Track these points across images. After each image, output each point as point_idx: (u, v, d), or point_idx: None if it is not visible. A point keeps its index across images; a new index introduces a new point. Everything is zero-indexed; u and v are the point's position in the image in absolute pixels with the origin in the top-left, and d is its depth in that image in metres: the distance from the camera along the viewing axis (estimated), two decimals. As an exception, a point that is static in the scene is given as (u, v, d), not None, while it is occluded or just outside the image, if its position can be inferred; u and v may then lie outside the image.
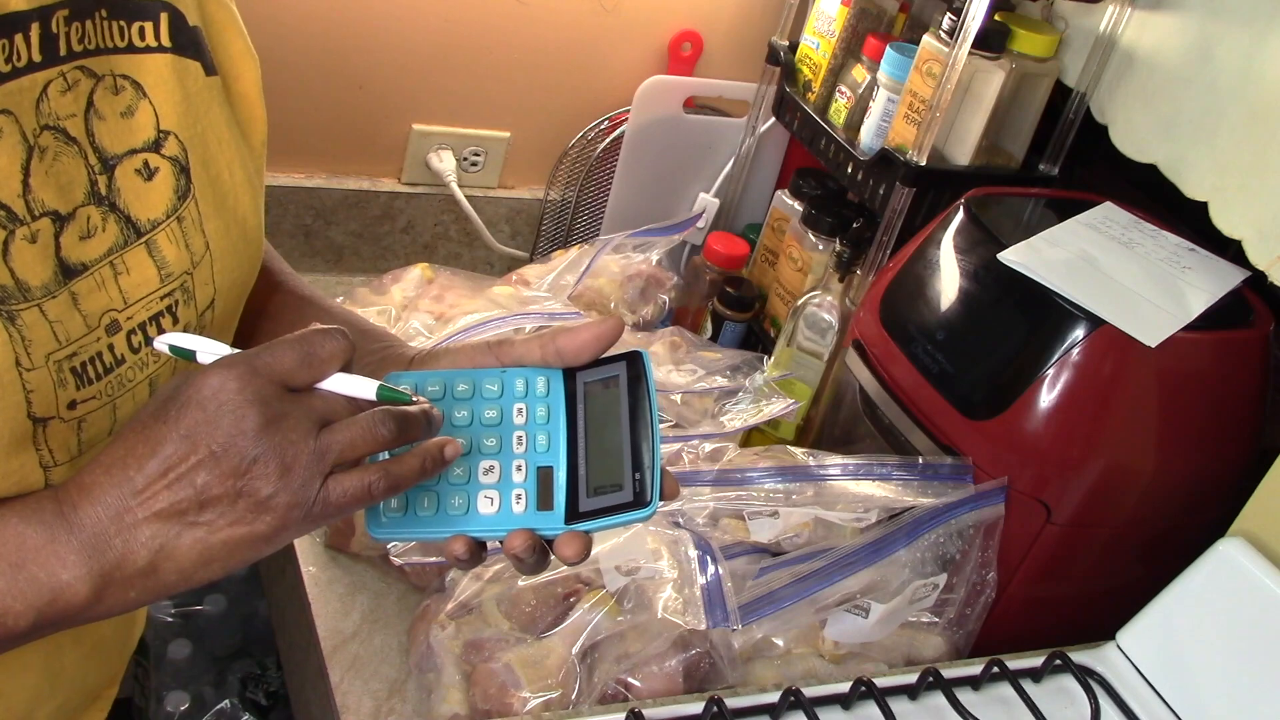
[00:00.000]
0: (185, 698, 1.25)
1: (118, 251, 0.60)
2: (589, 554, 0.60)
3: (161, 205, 0.62)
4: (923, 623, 0.94)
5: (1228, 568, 0.86)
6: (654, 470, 0.59)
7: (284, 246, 1.40)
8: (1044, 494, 0.91)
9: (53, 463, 0.59)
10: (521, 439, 0.61)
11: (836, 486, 0.94)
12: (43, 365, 0.56)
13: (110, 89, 0.59)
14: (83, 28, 0.57)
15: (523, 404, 0.62)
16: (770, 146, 1.49)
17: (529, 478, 0.61)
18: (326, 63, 1.31)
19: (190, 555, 0.52)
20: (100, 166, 0.59)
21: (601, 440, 0.61)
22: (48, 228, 0.56)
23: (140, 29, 0.60)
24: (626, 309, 1.24)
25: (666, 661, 0.84)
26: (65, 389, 0.57)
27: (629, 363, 0.63)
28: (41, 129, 0.55)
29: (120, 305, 0.60)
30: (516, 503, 0.60)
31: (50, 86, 0.55)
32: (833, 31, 1.27)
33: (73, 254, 0.57)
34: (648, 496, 0.59)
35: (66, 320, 0.57)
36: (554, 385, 0.63)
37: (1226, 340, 0.93)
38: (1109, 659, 0.91)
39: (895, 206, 1.12)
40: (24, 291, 0.55)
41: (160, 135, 0.62)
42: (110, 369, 0.60)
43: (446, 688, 0.83)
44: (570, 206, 1.50)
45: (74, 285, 0.57)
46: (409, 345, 0.73)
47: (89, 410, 0.60)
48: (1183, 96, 1.03)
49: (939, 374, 0.95)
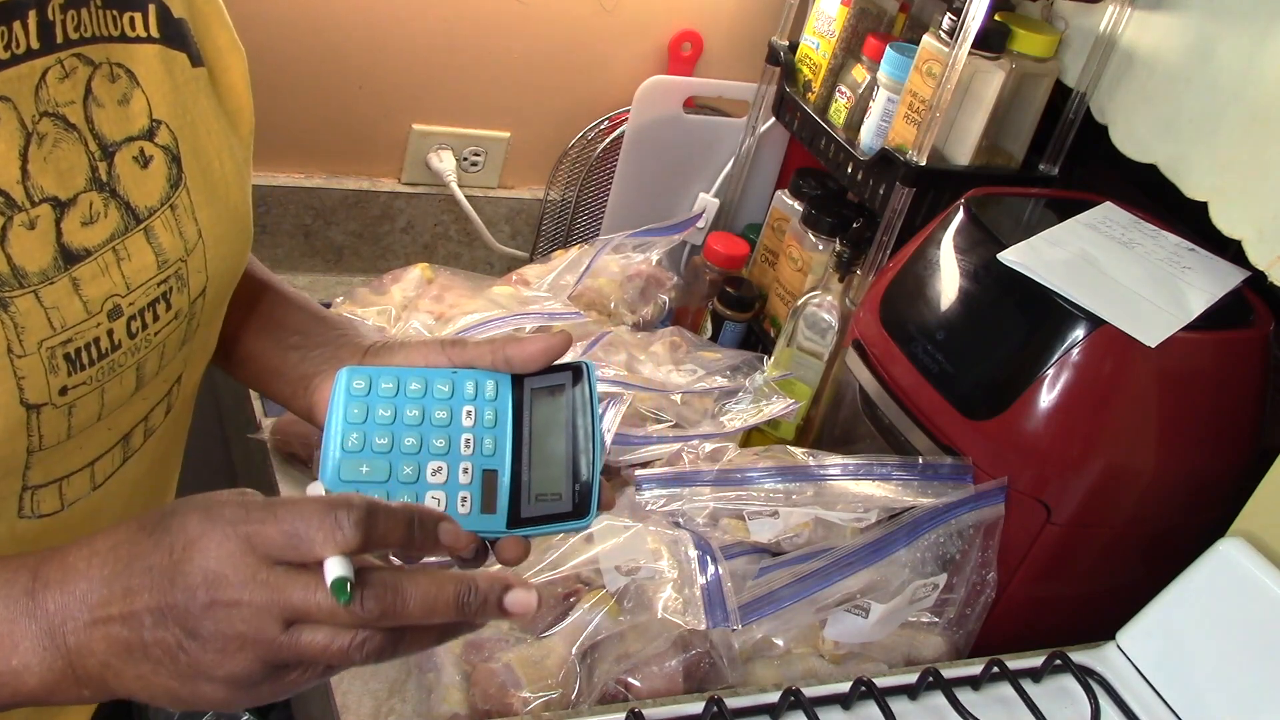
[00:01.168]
0: (185, 698, 1.25)
1: (119, 238, 0.60)
2: (527, 556, 0.61)
3: (156, 193, 0.62)
4: (923, 623, 0.94)
5: (1228, 568, 0.86)
6: (594, 482, 0.60)
7: (284, 246, 1.40)
8: (1044, 494, 0.91)
9: (39, 447, 0.59)
10: (469, 441, 0.62)
11: (836, 486, 0.94)
12: (34, 352, 0.56)
13: (107, 76, 0.59)
14: (78, 15, 0.57)
15: (471, 406, 0.63)
16: (770, 146, 1.49)
17: (474, 480, 0.61)
18: (326, 62, 1.31)
19: (135, 685, 0.51)
20: (100, 153, 0.59)
21: (545, 448, 0.62)
22: (47, 214, 0.56)
23: (131, 19, 0.61)
24: (626, 309, 1.24)
25: (666, 661, 0.84)
26: (57, 375, 0.57)
27: (575, 373, 0.64)
28: (41, 115, 0.55)
29: (123, 291, 0.60)
30: (462, 505, 0.60)
31: (49, 73, 0.56)
32: (833, 31, 1.27)
33: (75, 239, 0.58)
34: (586, 508, 0.60)
35: (64, 306, 0.57)
36: (502, 390, 0.64)
37: (1226, 340, 0.93)
38: (1109, 659, 0.91)
39: (895, 206, 1.12)
40: (20, 278, 0.55)
41: (153, 124, 0.62)
42: (104, 354, 0.60)
43: (446, 688, 0.83)
44: (570, 206, 1.50)
45: (76, 271, 0.58)
46: (365, 336, 0.73)
47: (79, 396, 0.60)
48: (1183, 96, 1.03)
49: (939, 374, 0.95)
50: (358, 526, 0.49)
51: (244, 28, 0.70)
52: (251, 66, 0.72)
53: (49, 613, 0.50)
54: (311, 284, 1.43)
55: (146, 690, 0.51)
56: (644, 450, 1.00)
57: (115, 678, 0.51)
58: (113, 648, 0.50)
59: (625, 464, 1.00)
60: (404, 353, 0.67)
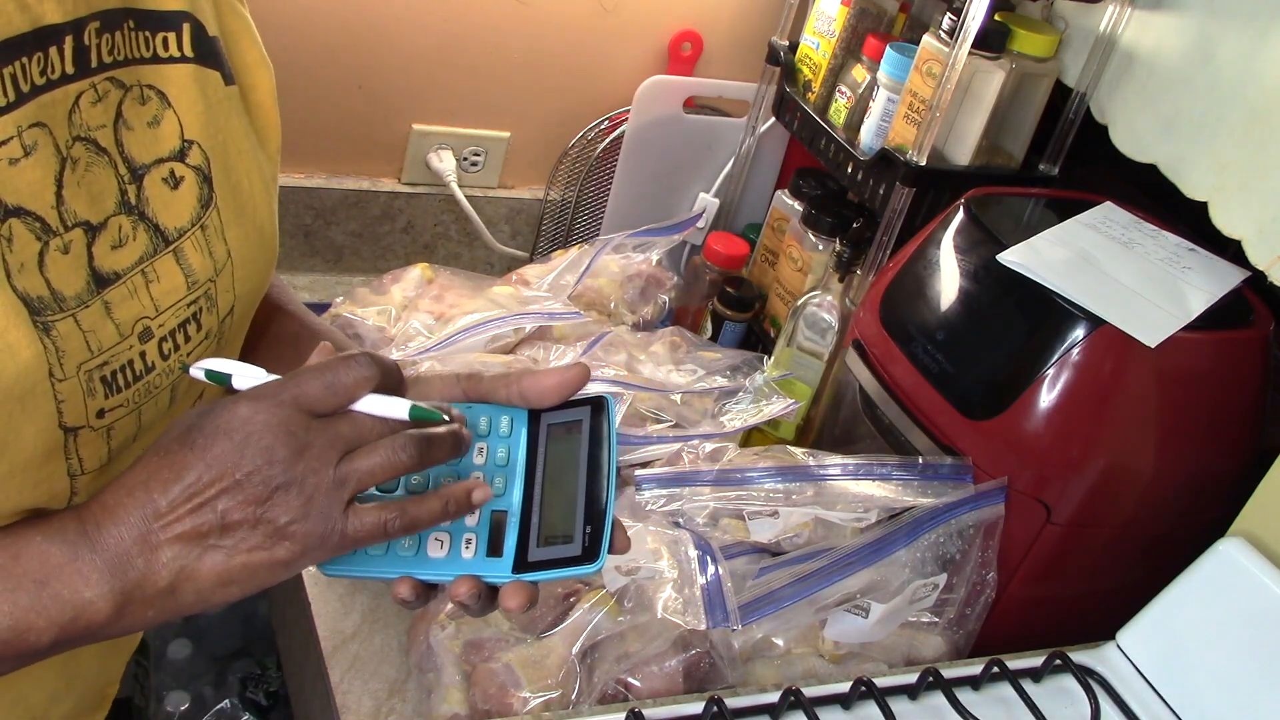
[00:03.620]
0: (185, 698, 1.25)
1: (148, 260, 0.60)
2: (534, 605, 0.59)
3: (186, 214, 0.62)
4: (923, 623, 0.94)
5: (1228, 568, 0.86)
6: (606, 524, 0.58)
7: (284, 246, 1.40)
8: (1044, 494, 0.91)
9: (80, 471, 0.59)
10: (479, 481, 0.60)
11: (836, 486, 0.94)
12: (74, 375, 0.56)
13: (137, 99, 0.59)
14: (113, 39, 0.57)
15: (484, 444, 0.62)
16: (770, 146, 1.49)
17: (481, 522, 0.60)
18: (326, 63, 1.31)
19: (210, 577, 0.53)
20: (129, 176, 0.59)
21: (558, 488, 0.60)
22: (80, 238, 0.56)
23: (164, 39, 0.61)
24: (626, 309, 1.24)
25: (666, 661, 0.84)
26: (94, 398, 0.58)
27: (594, 408, 0.62)
28: (74, 140, 0.56)
29: (153, 313, 0.61)
30: (466, 548, 0.59)
31: (82, 98, 0.56)
32: (833, 31, 1.27)
33: (105, 263, 0.58)
34: (597, 552, 0.58)
35: (99, 329, 0.57)
36: (517, 426, 0.63)
37: (1226, 340, 0.93)
38: (1109, 659, 0.91)
39: (895, 206, 1.12)
40: (59, 302, 0.55)
41: (184, 145, 0.62)
42: (139, 376, 0.61)
43: (446, 688, 0.83)
44: (570, 206, 1.50)
45: (107, 294, 0.58)
46: None
47: (117, 418, 0.60)
48: (1183, 96, 1.03)
49: (939, 374, 0.95)
50: (372, 363, 0.56)
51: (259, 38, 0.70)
52: (251, 67, 0.72)
53: (109, 545, 0.53)
54: (311, 284, 1.43)
55: (223, 577, 0.53)
56: (644, 450, 1.00)
57: (188, 580, 0.53)
58: (187, 548, 0.53)
59: (625, 464, 1.00)
60: (419, 388, 0.66)
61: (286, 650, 1.14)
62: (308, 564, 0.55)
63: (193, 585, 0.53)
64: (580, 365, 0.63)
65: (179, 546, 0.53)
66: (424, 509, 0.56)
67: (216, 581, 0.53)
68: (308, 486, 0.53)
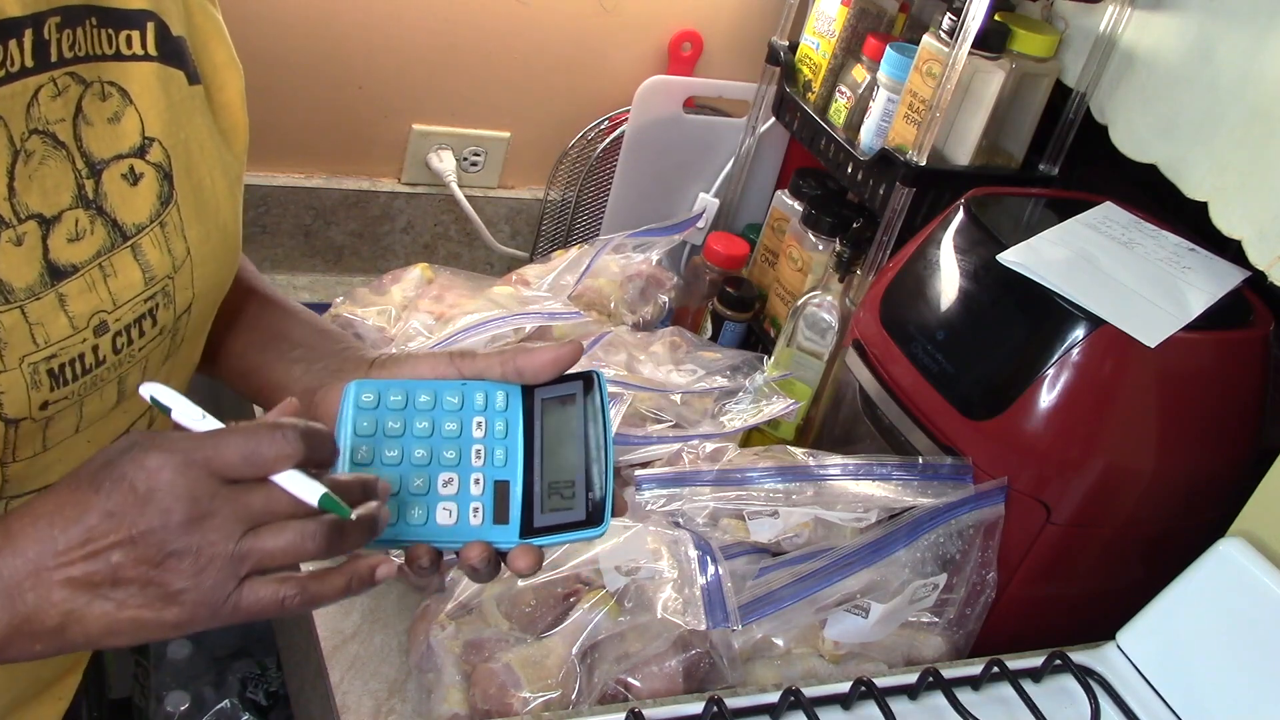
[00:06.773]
0: (185, 698, 1.25)
1: (106, 254, 0.60)
2: (541, 567, 0.60)
3: (146, 210, 0.62)
4: (923, 623, 0.94)
5: (1228, 568, 0.86)
6: (606, 490, 0.60)
7: (284, 246, 1.40)
8: (1044, 494, 0.91)
9: (12, 459, 0.59)
10: (480, 453, 0.62)
11: (836, 486, 0.94)
12: (16, 367, 0.56)
13: (98, 95, 0.60)
14: (73, 35, 0.57)
15: (482, 418, 0.63)
16: (770, 146, 1.49)
17: (486, 491, 0.61)
18: (326, 63, 1.31)
19: (98, 625, 0.52)
20: (88, 171, 0.59)
21: (557, 457, 0.62)
22: (34, 230, 0.56)
23: (128, 37, 0.61)
24: (626, 309, 1.24)
25: (666, 661, 0.84)
26: (39, 390, 0.58)
27: (585, 382, 0.64)
28: (30, 133, 0.56)
29: (110, 307, 0.61)
30: (474, 515, 0.60)
31: (41, 91, 0.56)
32: (833, 31, 1.27)
33: (62, 256, 0.58)
34: (600, 516, 0.60)
35: (49, 322, 0.57)
36: (512, 401, 0.64)
37: (1226, 340, 0.93)
38: (1109, 659, 0.91)
39: (895, 206, 1.12)
40: (6, 294, 0.55)
41: (145, 141, 0.62)
42: (88, 370, 0.60)
43: (446, 688, 0.83)
44: (570, 206, 1.50)
45: (62, 286, 0.58)
46: (369, 349, 0.73)
47: (58, 410, 0.60)
48: (1183, 96, 1.03)
49: (939, 374, 0.95)
50: (301, 439, 0.53)
51: (244, 29, 0.71)
52: (252, 67, 0.72)
53: (3, 575, 0.51)
54: (311, 284, 1.43)
55: (110, 627, 0.52)
56: (644, 450, 1.00)
57: (77, 623, 0.52)
58: (76, 593, 0.51)
59: (625, 464, 1.00)
60: (411, 365, 0.66)
61: (286, 650, 1.14)
62: (199, 628, 0.54)
63: (81, 629, 0.52)
64: (573, 343, 0.64)
65: (69, 590, 0.51)
66: (326, 586, 0.55)
67: (103, 630, 0.52)
68: (203, 557, 0.51)
